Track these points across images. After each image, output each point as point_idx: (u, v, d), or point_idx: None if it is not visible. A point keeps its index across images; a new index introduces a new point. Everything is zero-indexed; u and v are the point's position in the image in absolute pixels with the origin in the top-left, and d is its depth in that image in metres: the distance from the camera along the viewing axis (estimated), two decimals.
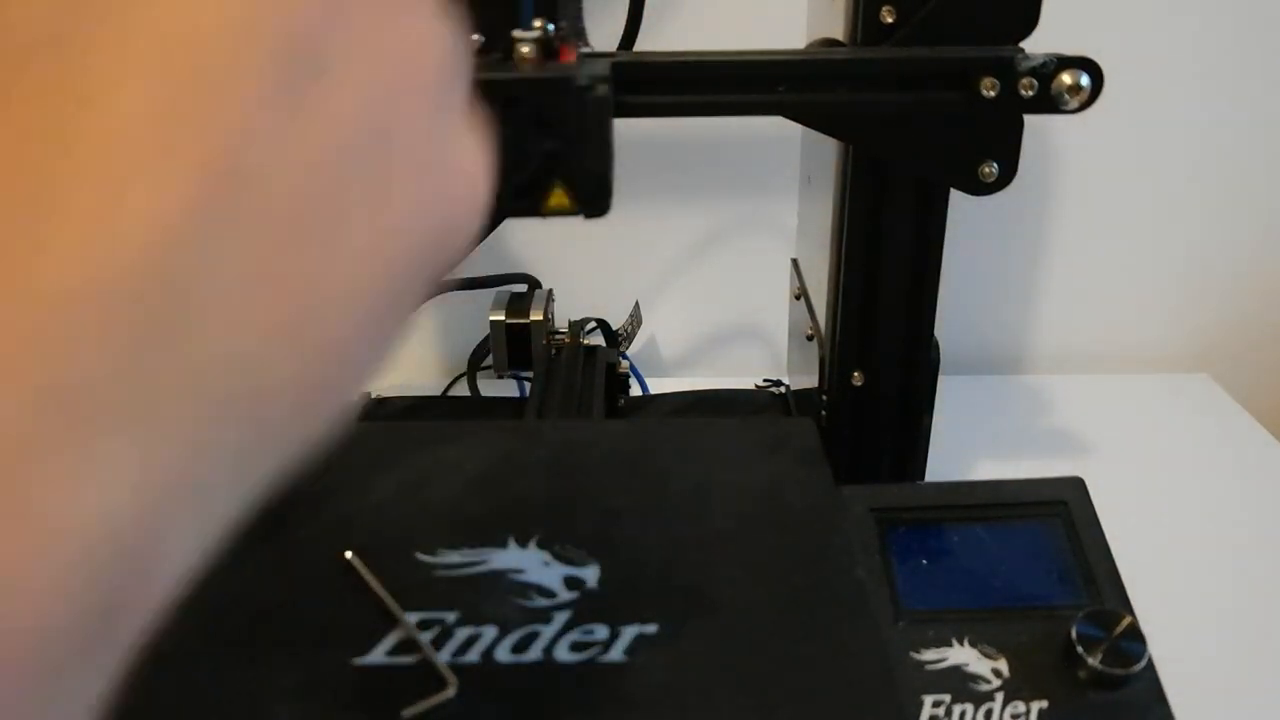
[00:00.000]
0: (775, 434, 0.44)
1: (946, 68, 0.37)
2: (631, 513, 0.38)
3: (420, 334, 0.79)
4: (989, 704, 0.36)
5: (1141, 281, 0.78)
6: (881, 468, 0.49)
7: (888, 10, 0.39)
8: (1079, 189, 0.74)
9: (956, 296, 0.69)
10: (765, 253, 0.75)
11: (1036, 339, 0.80)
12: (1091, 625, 0.37)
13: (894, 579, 0.40)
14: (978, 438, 0.67)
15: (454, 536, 0.37)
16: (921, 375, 0.47)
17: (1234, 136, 0.73)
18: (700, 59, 0.38)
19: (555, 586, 0.35)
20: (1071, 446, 0.67)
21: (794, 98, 0.38)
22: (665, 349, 0.80)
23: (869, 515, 0.42)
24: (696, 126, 0.71)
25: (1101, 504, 0.42)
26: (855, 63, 0.38)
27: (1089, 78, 0.36)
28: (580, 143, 0.33)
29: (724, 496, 0.39)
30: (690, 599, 0.34)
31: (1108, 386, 0.75)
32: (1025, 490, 0.43)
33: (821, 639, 0.32)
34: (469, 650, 0.32)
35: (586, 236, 0.76)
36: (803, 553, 0.36)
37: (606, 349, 0.66)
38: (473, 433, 0.45)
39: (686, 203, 0.75)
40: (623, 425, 0.55)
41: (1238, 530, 0.58)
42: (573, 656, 0.32)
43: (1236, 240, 0.76)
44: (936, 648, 0.38)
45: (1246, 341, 0.80)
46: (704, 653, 0.32)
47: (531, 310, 0.66)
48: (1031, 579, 0.40)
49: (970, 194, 0.40)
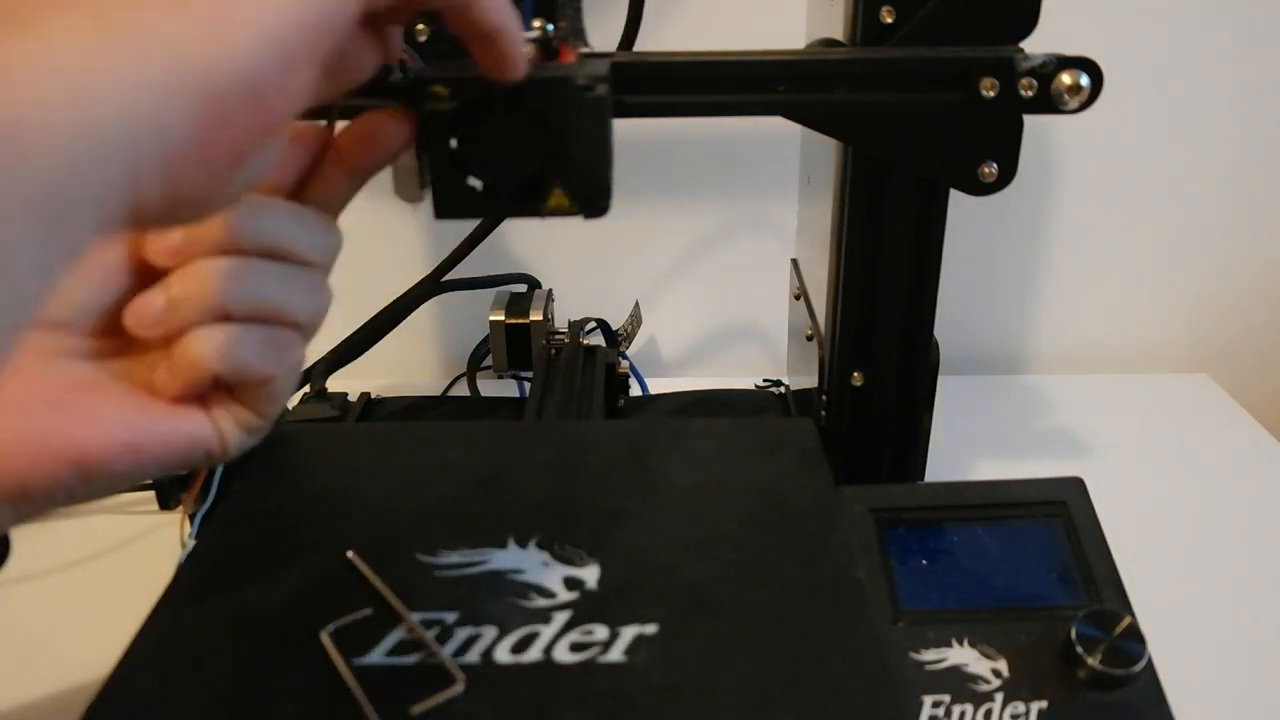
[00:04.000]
0: (775, 434, 0.44)
1: (946, 68, 0.37)
2: (631, 513, 0.38)
3: (420, 334, 0.79)
4: (988, 704, 0.36)
5: (1141, 281, 0.78)
6: (881, 468, 0.49)
7: (887, 10, 0.39)
8: (1079, 189, 0.74)
9: (956, 296, 0.70)
10: (765, 253, 0.75)
11: (1036, 339, 0.80)
12: (1091, 625, 0.37)
13: (893, 579, 0.40)
14: (977, 438, 0.67)
15: (454, 536, 0.37)
16: (921, 375, 0.47)
17: (1234, 137, 0.73)
18: (700, 59, 0.38)
19: (555, 587, 0.35)
20: (1071, 446, 0.67)
21: (794, 98, 0.38)
22: (665, 349, 0.80)
23: (868, 515, 0.42)
24: (696, 126, 0.71)
25: (1101, 504, 0.42)
26: (855, 63, 0.38)
27: (1089, 78, 0.36)
28: (580, 143, 0.33)
29: (724, 497, 0.39)
30: (690, 599, 0.34)
31: (1108, 386, 0.75)
32: (1025, 490, 0.43)
33: (821, 639, 0.32)
34: (469, 650, 0.32)
35: (586, 237, 0.76)
36: (802, 553, 0.36)
37: (606, 349, 0.66)
38: (473, 433, 0.45)
39: (686, 203, 0.75)
40: (623, 425, 0.55)
41: (1238, 530, 0.58)
42: (572, 657, 0.32)
43: (1236, 241, 0.76)
44: (936, 648, 0.38)
45: (1246, 341, 0.80)
46: (703, 653, 0.32)
47: (531, 310, 0.66)
48: (1031, 579, 0.40)
49: (970, 194, 0.40)
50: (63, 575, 0.55)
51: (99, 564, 0.56)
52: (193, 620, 0.33)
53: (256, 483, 0.41)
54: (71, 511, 0.60)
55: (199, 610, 0.34)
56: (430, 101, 0.32)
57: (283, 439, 0.45)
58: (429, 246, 0.75)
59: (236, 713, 0.30)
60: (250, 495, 0.40)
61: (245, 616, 0.33)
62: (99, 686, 0.30)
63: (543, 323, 0.65)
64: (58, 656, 0.49)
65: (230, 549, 0.37)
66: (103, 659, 0.31)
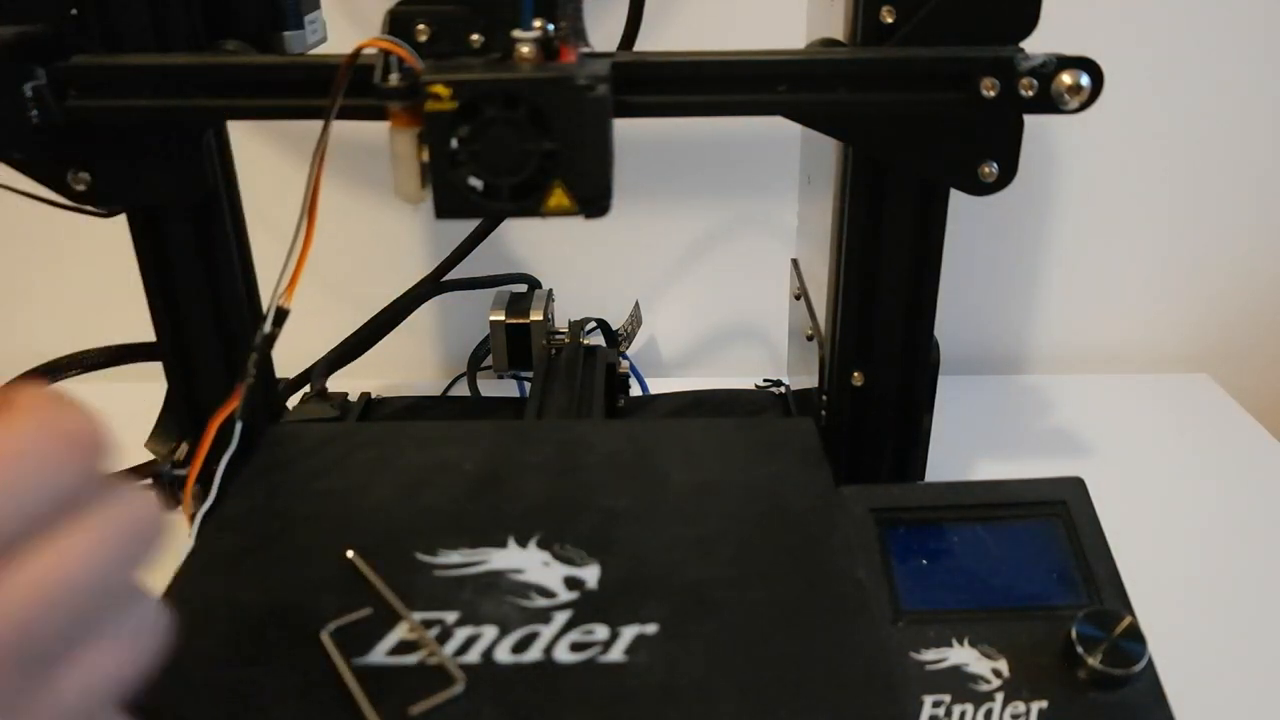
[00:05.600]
0: (775, 434, 0.44)
1: (947, 68, 0.37)
2: (631, 513, 0.38)
3: (420, 334, 0.79)
4: (989, 704, 0.36)
5: (1141, 281, 0.78)
6: (881, 468, 0.49)
7: (888, 10, 0.39)
8: (1079, 189, 0.74)
9: (956, 296, 0.69)
10: (765, 253, 0.75)
11: (1036, 339, 0.80)
12: (1091, 625, 0.37)
13: (894, 579, 0.40)
14: (978, 438, 0.67)
15: (454, 536, 0.37)
16: (921, 375, 0.47)
17: (1234, 136, 0.73)
18: (700, 59, 0.38)
19: (555, 586, 0.35)
20: (1071, 446, 0.67)
21: (794, 98, 0.38)
22: (665, 349, 0.80)
23: (869, 515, 0.42)
24: (696, 126, 0.71)
25: (1101, 504, 0.42)
26: (855, 63, 0.38)
27: (1089, 78, 0.36)
28: (580, 143, 0.33)
29: (724, 497, 0.39)
30: (690, 599, 0.34)
31: (1108, 386, 0.75)
32: (1025, 490, 0.43)
33: (821, 639, 0.32)
34: (469, 650, 0.32)
35: (586, 237, 0.76)
36: (803, 553, 0.36)
37: (606, 349, 0.66)
38: (473, 432, 0.45)
39: (686, 203, 0.75)
40: (623, 425, 0.55)
41: (1238, 530, 0.58)
42: (573, 657, 0.32)
43: (1237, 240, 0.76)
44: (936, 648, 0.38)
45: (1246, 341, 0.80)
46: (704, 653, 0.32)
47: (531, 310, 0.66)
48: (1031, 579, 0.40)
49: (970, 194, 0.40)
50: None
51: None
52: (193, 620, 0.33)
53: (256, 483, 0.41)
54: None
55: (199, 610, 0.34)
56: (430, 101, 0.32)
57: (283, 439, 0.45)
58: (429, 246, 0.75)
59: (237, 713, 0.30)
60: (250, 495, 0.40)
61: (245, 616, 0.33)
62: None
63: (543, 323, 0.65)
64: None
65: (230, 549, 0.37)
66: None
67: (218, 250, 0.45)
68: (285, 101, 0.38)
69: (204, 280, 0.46)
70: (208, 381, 0.48)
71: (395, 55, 0.34)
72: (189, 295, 0.46)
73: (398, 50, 0.34)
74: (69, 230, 0.73)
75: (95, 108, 0.38)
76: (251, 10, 0.42)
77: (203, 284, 0.46)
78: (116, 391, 0.65)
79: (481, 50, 0.36)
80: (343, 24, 0.64)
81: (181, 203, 0.44)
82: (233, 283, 0.46)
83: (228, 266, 0.46)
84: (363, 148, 0.67)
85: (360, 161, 0.70)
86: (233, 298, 0.46)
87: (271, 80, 0.38)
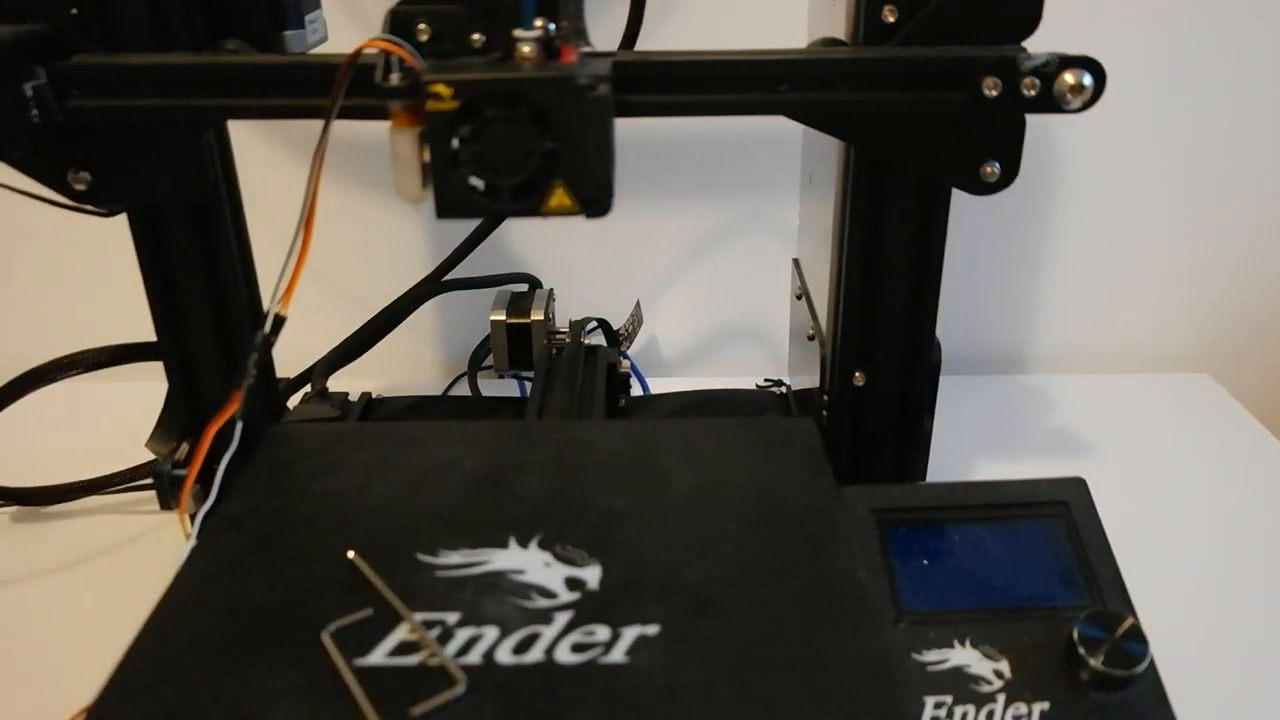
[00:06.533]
0: (776, 434, 0.44)
1: (948, 67, 0.37)
2: (632, 513, 0.38)
3: (421, 334, 0.79)
4: (991, 705, 0.36)
5: (1141, 281, 0.78)
6: (883, 468, 0.49)
7: (889, 9, 0.39)
8: (1080, 189, 0.74)
9: (958, 296, 0.70)
10: (766, 253, 0.75)
11: (1038, 339, 0.80)
12: (1093, 626, 0.37)
13: (895, 579, 0.40)
14: (979, 438, 0.67)
15: (455, 536, 0.37)
16: (923, 375, 0.47)
17: (1234, 136, 0.72)
18: (701, 59, 0.38)
19: (556, 587, 0.35)
20: (1072, 446, 0.67)
21: (795, 97, 0.38)
22: (666, 349, 0.80)
23: (870, 515, 0.42)
24: (697, 126, 0.71)
25: (1102, 504, 0.42)
26: (857, 62, 0.38)
27: (1091, 77, 0.36)
28: (581, 143, 0.33)
29: (725, 497, 0.39)
30: (692, 600, 0.34)
31: (1108, 386, 0.75)
32: (1026, 490, 0.43)
33: (822, 640, 0.32)
34: (470, 651, 0.32)
35: (587, 236, 0.76)
36: (803, 553, 0.36)
37: (607, 349, 0.66)
38: (474, 432, 0.45)
39: (687, 203, 0.75)
40: (623, 425, 0.55)
41: (1238, 530, 0.58)
42: (574, 657, 0.32)
43: (1237, 240, 0.76)
44: (938, 649, 0.38)
45: (1246, 341, 0.80)
46: (705, 654, 0.32)
47: (532, 310, 0.66)
48: (1033, 579, 0.40)
49: (972, 194, 0.40)
50: (63, 575, 0.55)
51: (99, 564, 0.56)
52: (193, 620, 0.33)
53: (256, 483, 0.41)
54: (72, 511, 0.60)
55: (199, 610, 0.34)
56: (431, 101, 0.32)
57: (283, 439, 0.45)
58: (429, 246, 0.75)
59: (237, 713, 0.30)
60: (250, 495, 0.40)
61: (245, 617, 0.33)
62: (100, 687, 0.30)
63: (544, 322, 0.65)
64: (58, 656, 0.49)
65: (230, 549, 0.37)
66: (103, 659, 0.31)
67: (218, 250, 0.45)
68: (285, 101, 0.38)
69: (204, 280, 0.46)
70: (208, 381, 0.48)
71: (396, 55, 0.33)
72: (189, 295, 0.46)
73: (398, 50, 0.33)
74: (69, 230, 0.73)
75: (95, 107, 0.38)
76: (252, 10, 0.42)
77: (203, 284, 0.46)
78: (116, 391, 0.65)
79: (482, 50, 0.36)
80: (343, 23, 0.64)
81: (181, 202, 0.44)
82: (233, 282, 0.46)
83: (228, 266, 0.46)
84: (363, 148, 0.67)
85: (360, 161, 0.70)
86: (233, 297, 0.46)
87: (272, 80, 0.38)
